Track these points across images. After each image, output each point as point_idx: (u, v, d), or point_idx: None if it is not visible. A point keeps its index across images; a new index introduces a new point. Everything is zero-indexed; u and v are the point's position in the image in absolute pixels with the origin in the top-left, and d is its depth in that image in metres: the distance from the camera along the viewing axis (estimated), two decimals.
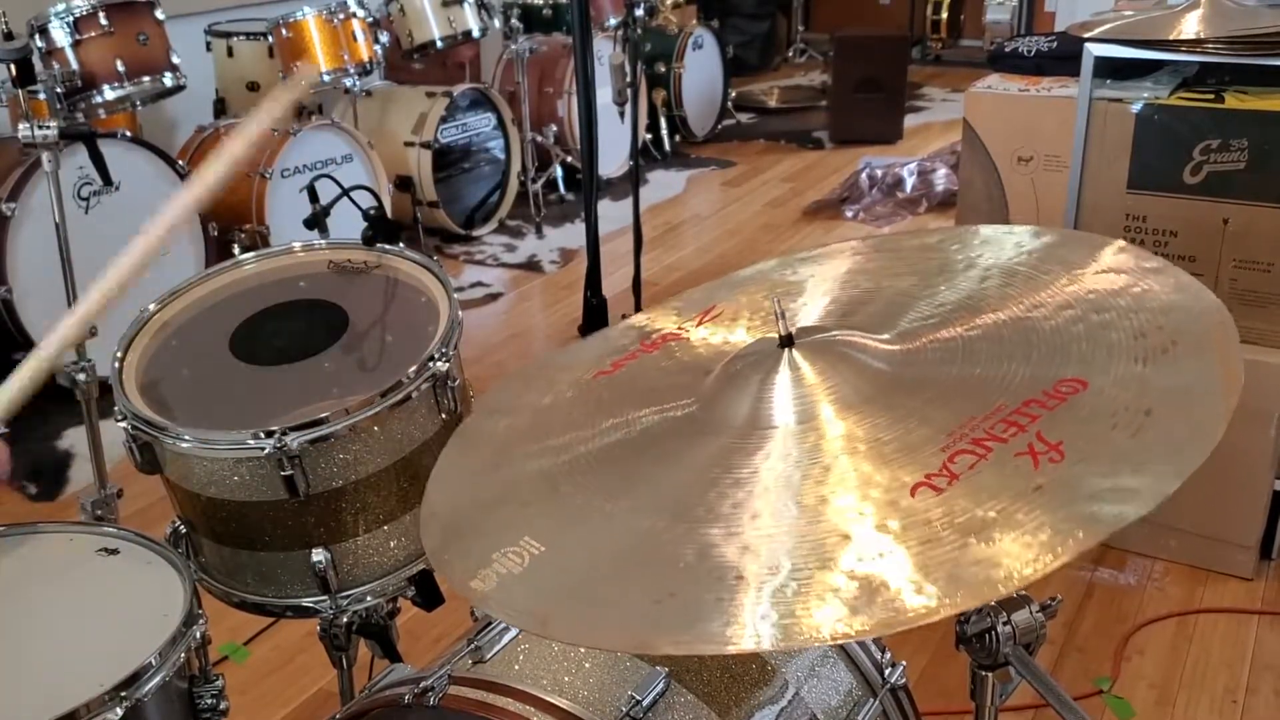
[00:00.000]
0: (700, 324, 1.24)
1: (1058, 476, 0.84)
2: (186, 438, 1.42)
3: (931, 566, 0.79)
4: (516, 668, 1.18)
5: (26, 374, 1.12)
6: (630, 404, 1.11)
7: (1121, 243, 1.14)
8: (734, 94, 6.50)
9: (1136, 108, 2.33)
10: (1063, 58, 2.99)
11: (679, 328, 1.24)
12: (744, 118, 6.61)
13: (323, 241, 1.77)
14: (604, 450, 1.05)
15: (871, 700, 1.31)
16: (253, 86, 4.35)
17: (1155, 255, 1.09)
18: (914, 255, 1.25)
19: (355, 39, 4.24)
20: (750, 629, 0.78)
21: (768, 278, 1.31)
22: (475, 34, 4.78)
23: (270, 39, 4.20)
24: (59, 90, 3.27)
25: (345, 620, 1.59)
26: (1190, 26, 2.24)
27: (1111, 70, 2.37)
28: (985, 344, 1.02)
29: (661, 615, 0.81)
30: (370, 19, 4.32)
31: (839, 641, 0.76)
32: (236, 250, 3.64)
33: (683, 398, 1.08)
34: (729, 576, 0.83)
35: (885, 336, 1.07)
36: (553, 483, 1.02)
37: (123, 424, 1.47)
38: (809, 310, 1.20)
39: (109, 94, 3.46)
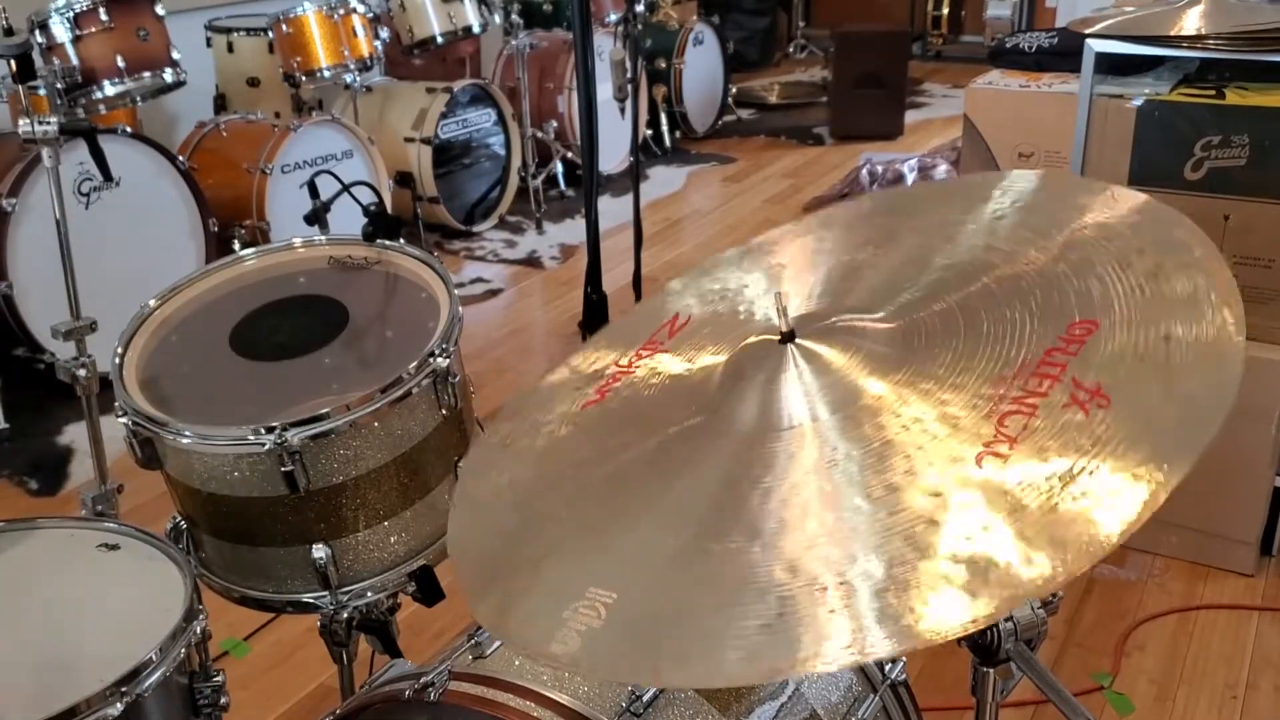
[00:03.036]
0: (673, 335, 1.19)
1: (1113, 420, 0.83)
2: (187, 433, 1.43)
3: (1031, 533, 0.77)
4: (517, 663, 1.18)
5: None
6: (635, 426, 1.07)
7: (1053, 171, 1.11)
8: (734, 90, 6.49)
9: (1137, 104, 2.33)
10: (1063, 54, 2.99)
11: (654, 340, 1.19)
12: (744, 114, 6.60)
13: (323, 237, 1.77)
14: (627, 481, 1.01)
15: (872, 696, 1.31)
16: (253, 82, 4.35)
17: (1093, 181, 1.07)
18: (857, 230, 1.21)
19: (355, 34, 4.24)
20: (873, 634, 0.75)
21: (712, 279, 1.26)
22: (475, 29, 4.78)
23: (270, 34, 4.20)
24: (59, 86, 3.28)
25: (345, 616, 1.59)
26: (1191, 23, 2.24)
27: (1112, 66, 2.37)
28: (979, 305, 0.99)
29: (777, 639, 0.78)
30: (370, 14, 4.32)
31: (969, 632, 0.74)
32: (237, 246, 3.64)
33: (688, 408, 1.04)
34: (830, 586, 0.79)
35: (879, 315, 1.03)
36: (589, 527, 0.97)
37: (123, 420, 1.47)
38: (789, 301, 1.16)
39: (109, 90, 3.46)
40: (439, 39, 4.68)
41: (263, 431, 1.40)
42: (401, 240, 1.71)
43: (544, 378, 1.23)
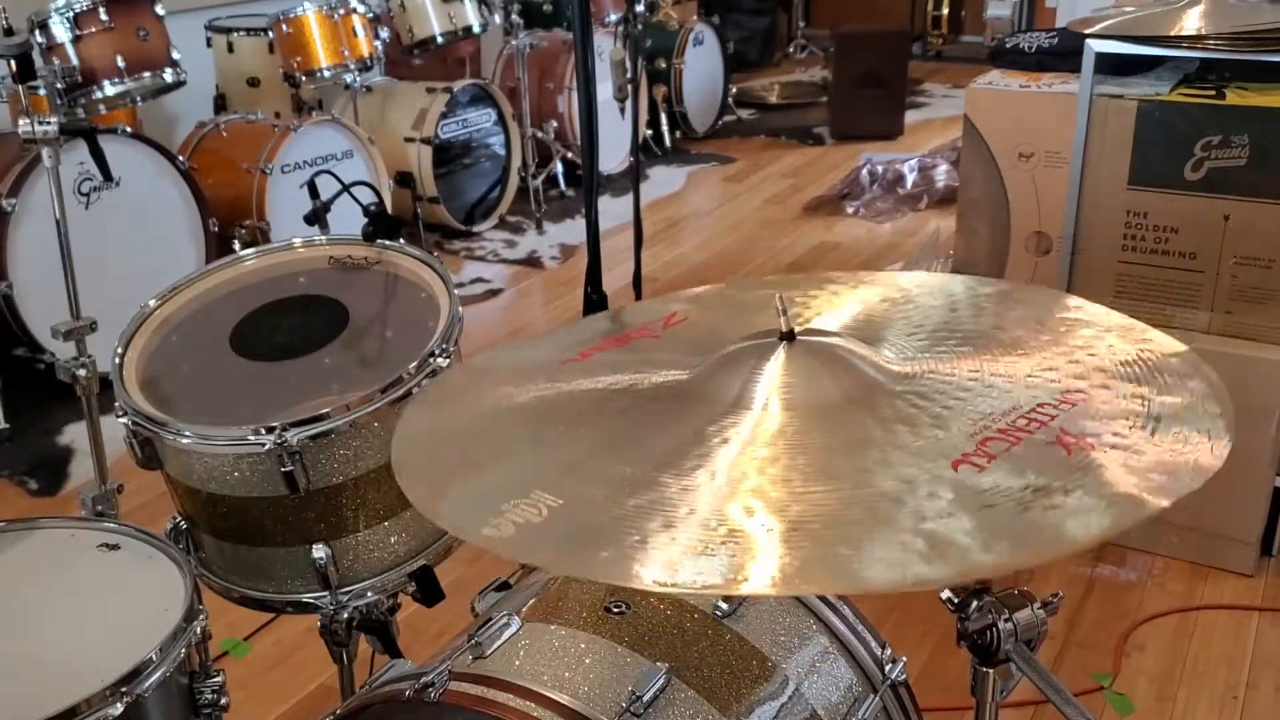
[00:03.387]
0: (668, 327, 1.24)
1: (1096, 460, 0.87)
2: (187, 434, 1.43)
3: (995, 528, 0.81)
4: (517, 663, 1.18)
5: None
6: (615, 377, 1.12)
7: (1077, 296, 1.21)
8: (734, 90, 6.49)
9: (1137, 104, 2.33)
10: (1064, 54, 2.99)
11: (646, 326, 1.25)
12: (744, 114, 6.60)
13: (323, 237, 1.77)
14: (597, 415, 1.06)
15: (872, 696, 1.31)
16: (253, 82, 4.35)
17: (1113, 310, 1.15)
18: (877, 286, 1.29)
19: (355, 34, 4.24)
20: (817, 572, 0.80)
21: (725, 296, 1.33)
22: (475, 29, 4.78)
23: (271, 35, 4.20)
24: (59, 86, 3.27)
25: (345, 616, 1.59)
26: (1191, 23, 2.24)
27: (1112, 66, 2.37)
28: (980, 361, 1.06)
29: (719, 562, 0.81)
30: (370, 14, 4.32)
31: (926, 588, 0.78)
32: (237, 246, 3.64)
33: (669, 371, 1.09)
34: (779, 529, 0.84)
35: (883, 349, 1.10)
36: (548, 445, 1.02)
37: (123, 420, 1.47)
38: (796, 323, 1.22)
39: (109, 90, 3.46)
40: (439, 39, 4.68)
41: (263, 431, 1.40)
42: (401, 240, 1.71)
43: (527, 340, 1.28)
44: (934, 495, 0.85)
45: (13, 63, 2.23)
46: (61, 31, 3.37)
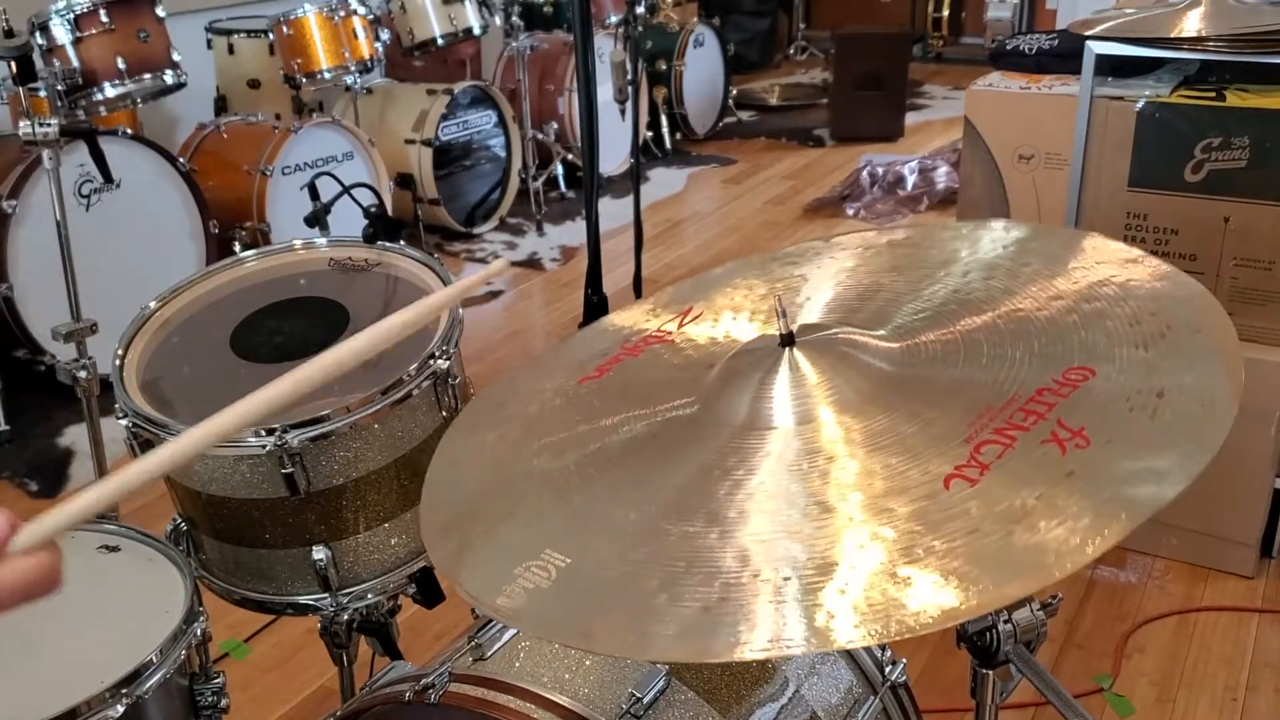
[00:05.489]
0: (682, 325, 1.23)
1: (1087, 461, 0.85)
2: None
3: (980, 557, 0.79)
4: (517, 665, 1.18)
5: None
6: (627, 406, 1.09)
7: (1096, 235, 1.14)
8: (735, 91, 6.49)
9: (1138, 106, 2.33)
10: (1064, 55, 2.99)
11: (661, 330, 1.23)
12: (745, 115, 6.61)
13: (323, 239, 1.77)
14: (609, 455, 1.03)
15: (872, 698, 1.31)
16: (254, 84, 4.36)
17: (1130, 246, 1.10)
18: (890, 252, 1.25)
19: (356, 36, 4.25)
20: (812, 631, 0.77)
21: (744, 276, 1.30)
22: (476, 31, 4.78)
23: (271, 36, 4.20)
24: (60, 87, 3.27)
25: (346, 617, 1.59)
26: (1192, 24, 2.24)
27: (1113, 68, 2.37)
28: (984, 338, 1.02)
29: (713, 622, 0.79)
30: (371, 16, 4.33)
31: (906, 636, 0.75)
32: (237, 248, 3.64)
33: (681, 397, 1.07)
34: (774, 580, 0.81)
35: (883, 333, 1.07)
36: (561, 492, 1.00)
37: (124, 421, 1.47)
38: (804, 308, 1.19)
39: (110, 91, 3.46)
40: (439, 41, 4.68)
41: (263, 433, 1.40)
42: (402, 242, 1.71)
43: (546, 352, 1.25)
44: (922, 523, 0.83)
45: (13, 64, 2.23)
46: (62, 33, 3.37)
